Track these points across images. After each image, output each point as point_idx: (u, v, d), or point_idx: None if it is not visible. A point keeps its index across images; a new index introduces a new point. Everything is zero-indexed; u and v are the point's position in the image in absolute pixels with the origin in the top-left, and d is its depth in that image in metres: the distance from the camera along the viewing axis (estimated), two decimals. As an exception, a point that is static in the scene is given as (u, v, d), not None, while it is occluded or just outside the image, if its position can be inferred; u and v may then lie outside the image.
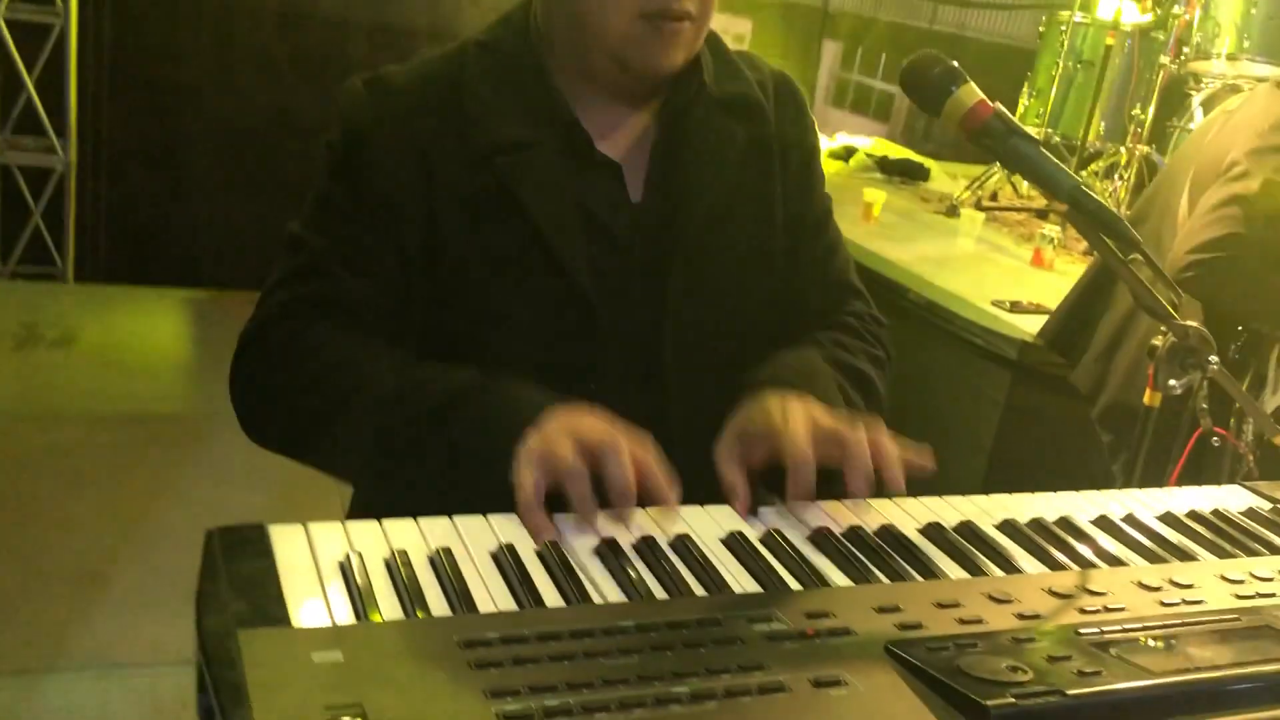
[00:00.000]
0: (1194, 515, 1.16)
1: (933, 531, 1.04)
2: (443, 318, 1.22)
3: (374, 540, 0.90)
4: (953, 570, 0.97)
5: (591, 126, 1.22)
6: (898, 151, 5.60)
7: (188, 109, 4.91)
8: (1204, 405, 2.31)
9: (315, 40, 5.56)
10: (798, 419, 1.06)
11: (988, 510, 1.11)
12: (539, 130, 1.20)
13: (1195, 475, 2.30)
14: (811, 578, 0.92)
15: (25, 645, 2.56)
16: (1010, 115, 1.28)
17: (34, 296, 4.56)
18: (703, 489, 1.03)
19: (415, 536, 0.92)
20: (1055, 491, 1.19)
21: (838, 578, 0.94)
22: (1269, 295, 2.23)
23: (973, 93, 1.27)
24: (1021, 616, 0.86)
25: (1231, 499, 1.22)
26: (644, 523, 0.99)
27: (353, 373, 1.11)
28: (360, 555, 0.87)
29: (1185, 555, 1.05)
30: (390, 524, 0.93)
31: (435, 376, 1.09)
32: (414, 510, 0.95)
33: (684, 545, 0.96)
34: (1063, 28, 4.73)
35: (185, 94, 4.89)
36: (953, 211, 4.48)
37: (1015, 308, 3.12)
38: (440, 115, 1.20)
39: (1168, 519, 1.14)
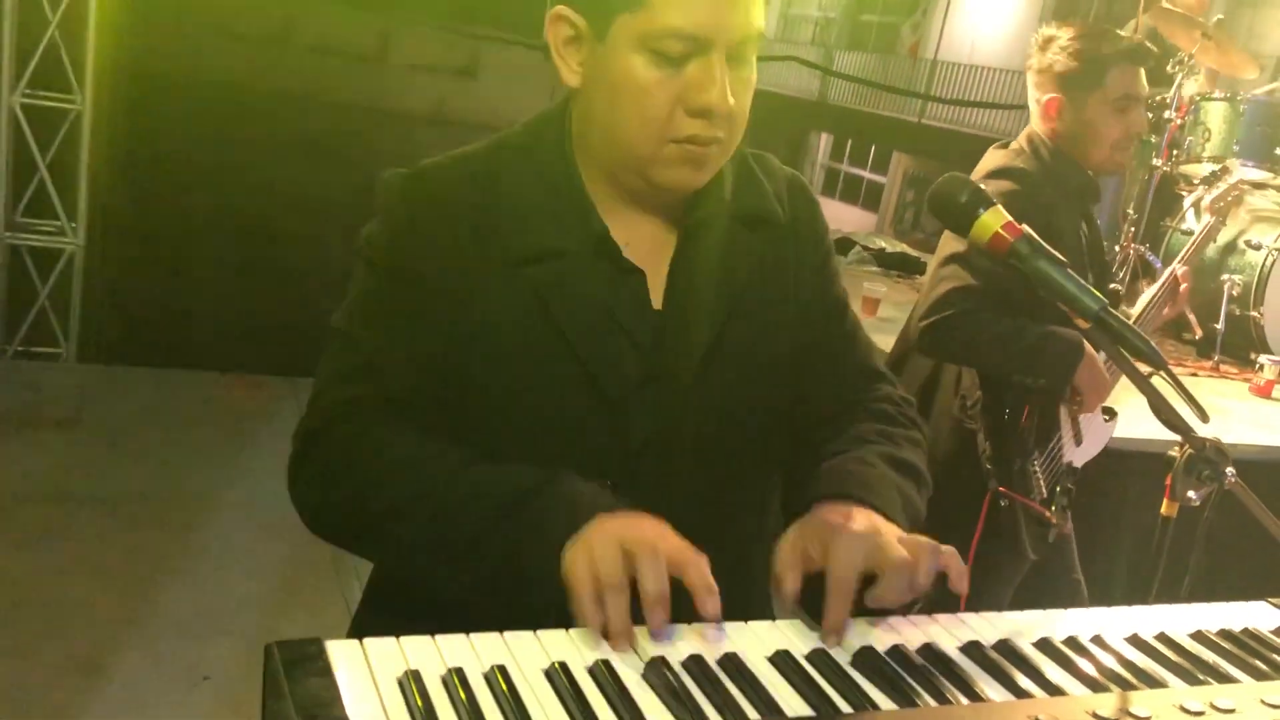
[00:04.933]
0: (1226, 634, 1.17)
1: (972, 650, 1.06)
2: (470, 409, 1.24)
3: (430, 657, 0.91)
4: (996, 692, 0.99)
5: (617, 233, 1.26)
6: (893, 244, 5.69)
7: (197, 193, 4.98)
8: (989, 466, 2.34)
9: (321, 125, 5.64)
10: (847, 537, 1.10)
11: (1022, 627, 1.12)
12: (570, 238, 1.23)
13: (994, 537, 2.32)
14: (861, 700, 0.94)
15: (21, 736, 2.53)
16: (1036, 237, 1.32)
17: (37, 376, 4.56)
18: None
19: (469, 653, 0.93)
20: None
21: (885, 700, 0.95)
22: (1008, 339, 2.22)
23: (999, 215, 1.31)
24: (1071, 743, 0.87)
25: (1261, 618, 1.24)
26: (691, 640, 1.00)
27: (418, 473, 1.14)
28: (418, 673, 0.88)
29: (1223, 677, 1.06)
30: (443, 640, 0.94)
31: (500, 477, 1.13)
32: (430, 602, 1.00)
33: (732, 664, 0.97)
34: (1057, 129, 4.85)
35: (195, 178, 4.96)
36: (950, 305, 4.53)
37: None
38: (477, 214, 1.23)
39: (1200, 638, 1.16)
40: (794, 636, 1.04)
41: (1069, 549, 2.56)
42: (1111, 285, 2.59)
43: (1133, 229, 4.57)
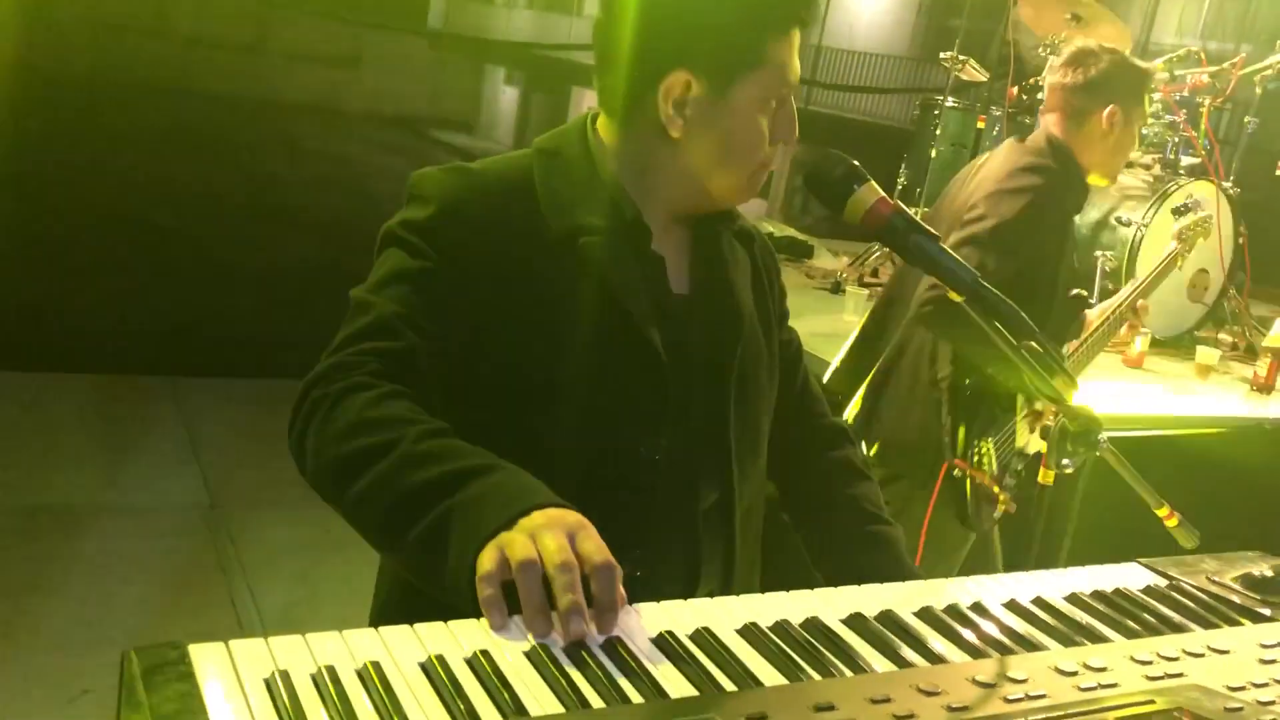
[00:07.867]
0: (1098, 595, 1.20)
1: (855, 622, 1.06)
2: (512, 385, 1.31)
3: (299, 656, 0.88)
4: (879, 662, 0.99)
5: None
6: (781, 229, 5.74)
7: (67, 189, 4.78)
8: (947, 438, 2.43)
9: (198, 117, 5.47)
10: None
11: (904, 597, 1.13)
12: (607, 222, 1.35)
13: (945, 506, 2.40)
14: (745, 678, 0.93)
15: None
16: (909, 211, 1.34)
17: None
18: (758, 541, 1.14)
19: (341, 650, 0.90)
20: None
21: (770, 676, 0.95)
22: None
23: (874, 191, 1.33)
24: (951, 709, 0.88)
25: (1131, 577, 1.28)
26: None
27: (396, 428, 1.16)
28: (286, 673, 0.85)
29: (1096, 637, 1.09)
30: (314, 638, 0.91)
31: (460, 451, 1.14)
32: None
33: (614, 648, 0.95)
34: (935, 112, 4.96)
35: (66, 174, 4.76)
36: (837, 288, 4.61)
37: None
38: (517, 204, 1.34)
39: (1074, 600, 1.19)
40: (677, 617, 1.03)
41: (993, 533, 2.65)
42: (1075, 291, 2.68)
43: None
